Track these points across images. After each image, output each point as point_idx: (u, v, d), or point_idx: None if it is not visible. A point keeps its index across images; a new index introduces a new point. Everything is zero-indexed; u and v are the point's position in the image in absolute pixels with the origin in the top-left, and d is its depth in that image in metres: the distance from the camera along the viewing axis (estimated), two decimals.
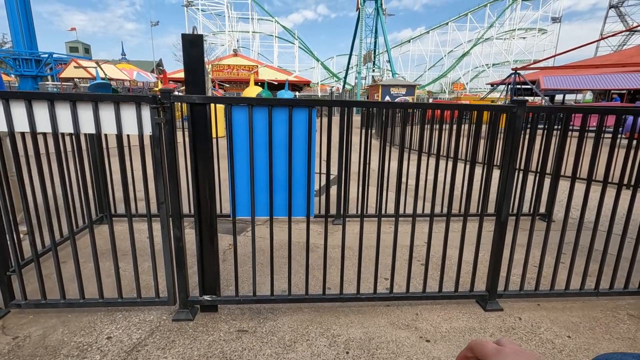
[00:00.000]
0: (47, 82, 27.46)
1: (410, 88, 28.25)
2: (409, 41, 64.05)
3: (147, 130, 1.71)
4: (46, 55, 24.26)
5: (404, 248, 3.02)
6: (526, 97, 23.67)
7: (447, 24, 63.15)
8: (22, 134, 1.79)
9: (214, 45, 62.38)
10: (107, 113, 1.69)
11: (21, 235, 2.83)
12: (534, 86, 13.78)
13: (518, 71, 12.69)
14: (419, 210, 3.87)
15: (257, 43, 62.33)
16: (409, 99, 28.11)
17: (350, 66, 51.04)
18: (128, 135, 3.37)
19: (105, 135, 2.39)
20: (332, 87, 69.60)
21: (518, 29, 59.48)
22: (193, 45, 1.66)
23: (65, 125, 1.68)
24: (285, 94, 16.60)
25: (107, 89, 13.50)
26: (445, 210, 4.07)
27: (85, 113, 1.67)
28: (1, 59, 24.27)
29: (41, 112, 1.66)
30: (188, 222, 3.57)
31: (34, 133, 1.69)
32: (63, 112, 1.67)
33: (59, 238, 2.85)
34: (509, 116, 1.94)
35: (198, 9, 58.54)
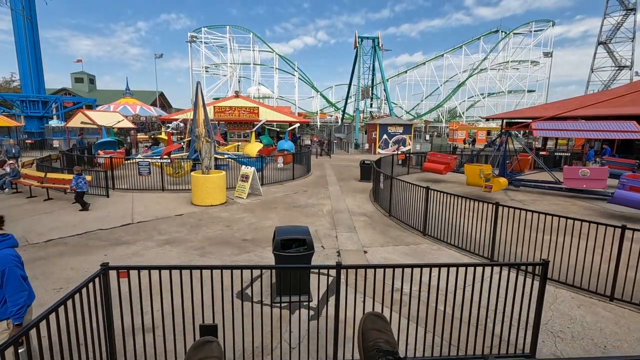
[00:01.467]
0: (51, 121, 28.10)
1: (407, 127, 28.97)
2: (405, 72, 65.83)
3: None
4: (53, 99, 24.98)
5: None
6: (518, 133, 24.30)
7: (442, 55, 65.09)
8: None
9: (216, 76, 64.10)
10: None
11: None
12: (523, 145, 14.27)
13: (509, 131, 13.17)
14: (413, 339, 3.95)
15: (258, 73, 64.01)
16: (406, 137, 28.78)
17: (349, 95, 52.03)
18: None
19: None
20: (332, 116, 70.94)
21: (511, 61, 61.35)
22: (208, 332, 1.94)
23: None
24: (285, 144, 17.08)
25: (112, 147, 14.00)
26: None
27: None
28: (7, 100, 24.95)
29: None
30: None
31: None
32: None
33: None
34: None
35: (201, 41, 60.42)
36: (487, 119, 42.62)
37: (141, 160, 11.48)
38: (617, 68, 46.07)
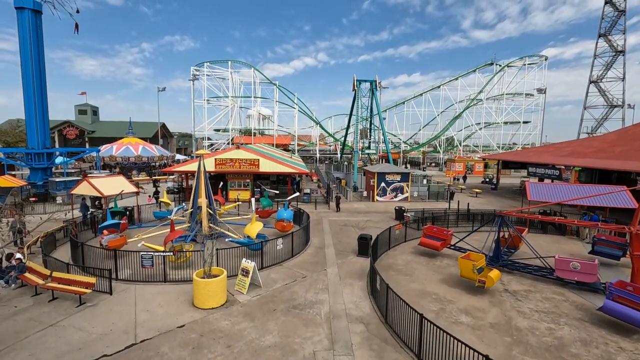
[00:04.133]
0: (57, 160, 28.51)
1: (405, 175, 29.48)
2: (403, 103, 67.17)
3: None
4: (58, 151, 25.51)
5: None
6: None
7: (439, 87, 66.60)
8: None
9: (217, 107, 65.29)
10: None
11: None
12: (514, 229, 14.70)
13: (503, 215, 13.60)
14: None
15: (259, 105, 65.24)
16: (404, 185, 29.26)
17: (349, 125, 52.68)
18: None
19: None
20: (331, 145, 71.87)
21: (507, 94, 62.76)
22: None
23: None
24: (285, 212, 17.48)
25: (115, 227, 14.38)
26: None
27: None
28: (12, 154, 25.52)
29: None
30: None
31: None
32: None
33: None
34: None
35: (204, 74, 61.81)
36: (484, 159, 43.45)
37: (144, 252, 11.81)
38: (609, 107, 47.17)
